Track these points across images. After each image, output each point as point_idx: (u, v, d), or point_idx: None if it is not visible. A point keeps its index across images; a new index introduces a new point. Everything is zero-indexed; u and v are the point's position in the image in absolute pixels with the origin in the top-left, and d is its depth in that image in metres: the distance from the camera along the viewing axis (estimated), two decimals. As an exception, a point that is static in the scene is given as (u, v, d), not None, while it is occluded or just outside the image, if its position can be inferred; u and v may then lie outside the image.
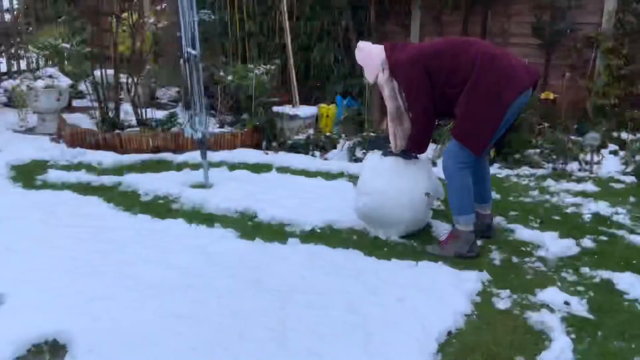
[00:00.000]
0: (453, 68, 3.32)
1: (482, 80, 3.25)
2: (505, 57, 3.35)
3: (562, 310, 2.86)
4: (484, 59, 3.26)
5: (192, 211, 4.12)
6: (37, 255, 3.29)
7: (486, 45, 3.44)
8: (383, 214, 3.63)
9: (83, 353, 2.41)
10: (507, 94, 3.24)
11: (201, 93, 4.47)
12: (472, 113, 3.29)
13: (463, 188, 3.43)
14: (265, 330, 2.60)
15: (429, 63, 3.36)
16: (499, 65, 3.27)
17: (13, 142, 5.66)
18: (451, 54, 3.36)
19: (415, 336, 2.58)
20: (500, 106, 3.26)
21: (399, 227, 3.67)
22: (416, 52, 3.44)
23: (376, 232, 3.74)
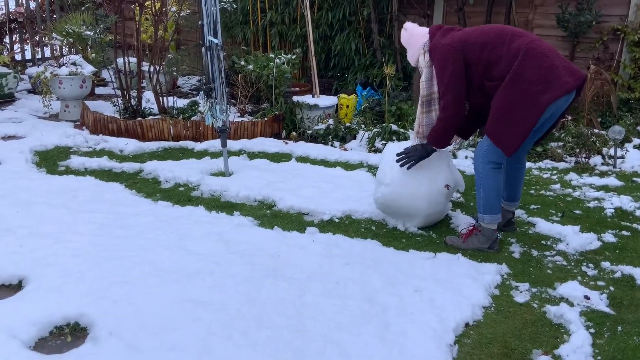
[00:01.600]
0: (493, 61, 3.18)
1: (521, 78, 3.08)
2: (550, 56, 3.12)
3: (581, 304, 2.84)
4: (526, 55, 3.08)
5: (212, 199, 4.15)
6: (60, 239, 3.34)
7: (532, 40, 3.17)
8: (402, 205, 3.62)
9: (104, 335, 2.45)
10: (545, 97, 3.06)
11: (222, 81, 4.49)
12: (506, 111, 3.14)
13: (492, 189, 3.32)
14: (283, 318, 2.62)
15: (468, 53, 3.22)
16: (541, 64, 3.08)
17: (37, 128, 5.74)
18: (493, 45, 3.18)
19: (432, 327, 2.58)
20: (536, 109, 3.08)
21: (417, 219, 3.66)
22: (457, 39, 3.26)
23: (395, 223, 3.73)
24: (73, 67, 6.19)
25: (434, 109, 3.46)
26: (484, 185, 3.34)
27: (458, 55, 3.23)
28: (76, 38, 6.79)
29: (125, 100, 6.03)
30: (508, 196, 3.63)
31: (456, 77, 3.25)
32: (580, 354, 2.43)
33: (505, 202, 3.63)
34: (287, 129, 5.97)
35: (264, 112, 6.06)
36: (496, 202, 3.37)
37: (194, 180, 4.42)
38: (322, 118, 6.02)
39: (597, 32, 6.00)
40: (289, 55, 6.29)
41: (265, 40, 7.48)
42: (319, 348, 2.42)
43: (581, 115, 5.64)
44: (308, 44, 6.45)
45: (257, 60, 6.17)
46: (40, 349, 2.44)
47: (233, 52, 6.98)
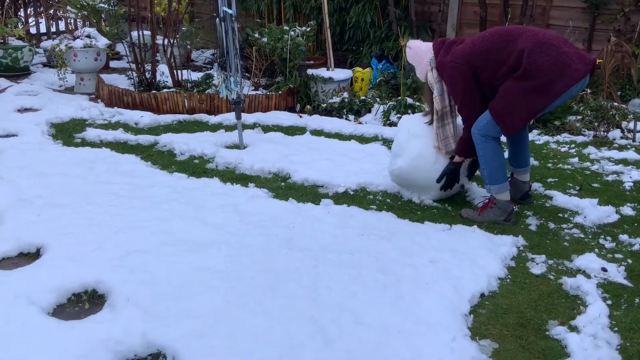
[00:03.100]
0: (499, 62, 3.19)
1: (534, 68, 3.07)
2: (557, 44, 3.12)
3: (598, 276, 2.82)
4: (534, 47, 3.09)
5: (227, 171, 4.15)
6: (76, 209, 3.37)
7: (536, 34, 3.17)
8: (418, 178, 3.60)
9: (121, 302, 2.47)
10: (558, 86, 3.08)
11: (237, 53, 4.46)
12: (516, 95, 3.14)
13: (492, 157, 3.32)
14: (298, 287, 2.63)
15: (474, 63, 3.25)
16: (550, 54, 3.07)
17: (53, 101, 5.76)
18: (498, 48, 3.20)
19: (447, 297, 2.58)
20: (547, 96, 3.11)
21: (433, 192, 3.63)
22: (461, 54, 3.30)
23: (410, 196, 3.71)
24: (88, 39, 6.19)
25: (447, 122, 3.51)
26: (484, 155, 3.34)
27: (465, 69, 3.27)
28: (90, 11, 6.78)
29: (139, 73, 6.03)
30: (517, 162, 3.61)
31: (467, 92, 3.32)
32: (597, 325, 2.42)
33: (515, 169, 3.62)
34: (302, 103, 5.94)
35: (278, 85, 6.03)
36: (499, 171, 3.34)
37: (209, 153, 4.42)
38: (337, 91, 5.98)
39: (619, 3, 5.86)
40: (303, 27, 6.23)
41: (280, 12, 7.41)
42: (334, 316, 2.43)
43: (600, 88, 5.54)
44: (323, 16, 6.38)
45: (271, 33, 6.12)
46: (58, 315, 2.47)
47: (247, 25, 6.92)
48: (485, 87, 3.31)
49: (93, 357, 2.16)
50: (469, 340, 2.33)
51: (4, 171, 3.86)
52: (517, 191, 3.62)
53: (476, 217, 3.43)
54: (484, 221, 3.38)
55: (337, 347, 2.25)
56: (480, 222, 3.37)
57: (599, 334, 2.37)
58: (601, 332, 2.38)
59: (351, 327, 2.37)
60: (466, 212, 3.48)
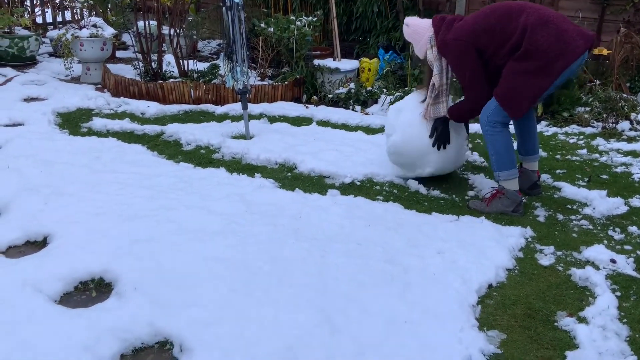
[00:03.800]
0: (503, 40, 3.19)
1: (534, 47, 3.09)
2: (557, 22, 3.13)
3: (607, 267, 2.80)
4: (535, 26, 3.10)
5: (233, 161, 4.14)
6: (83, 198, 3.37)
7: (537, 10, 3.18)
8: (412, 147, 3.60)
9: (128, 291, 2.47)
10: (559, 63, 3.09)
11: (243, 43, 4.43)
12: (519, 77, 3.16)
13: (501, 144, 3.31)
14: (305, 277, 2.62)
15: (478, 40, 3.24)
16: (551, 32, 3.09)
17: (59, 90, 5.75)
18: (500, 26, 3.20)
19: (454, 287, 2.57)
20: (549, 75, 3.12)
21: (432, 163, 3.61)
22: (464, 32, 3.28)
23: (409, 173, 3.73)
24: (94, 29, 6.17)
25: (441, 101, 3.52)
26: (493, 142, 3.34)
27: (469, 47, 3.26)
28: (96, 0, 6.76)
29: (146, 63, 6.01)
30: (525, 150, 3.60)
31: (475, 71, 3.31)
32: (606, 316, 2.40)
33: (524, 157, 3.61)
34: (308, 93, 5.92)
35: (284, 76, 6.00)
36: (508, 158, 3.33)
37: (215, 143, 4.41)
38: (344, 82, 5.95)
39: (629, -7, 5.80)
40: (310, 17, 6.19)
41: (286, 2, 7.36)
42: (341, 306, 2.42)
43: (610, 79, 5.49)
44: (329, 6, 6.34)
45: (277, 23, 6.09)
46: (65, 303, 2.47)
47: (253, 15, 6.89)
48: (489, 65, 3.30)
49: (100, 345, 2.16)
50: (476, 330, 2.32)
51: (11, 160, 3.86)
52: (526, 181, 3.60)
53: (484, 208, 3.40)
54: (492, 212, 3.36)
55: (344, 336, 2.25)
56: (489, 213, 3.35)
57: (607, 326, 2.35)
58: (610, 324, 2.36)
59: (358, 317, 2.36)
60: (474, 204, 3.46)
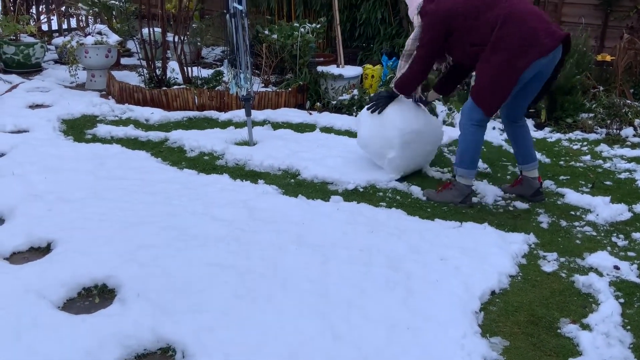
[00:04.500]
0: (475, 27, 3.33)
1: (500, 43, 3.22)
2: (529, 19, 3.22)
3: (611, 274, 2.79)
4: (506, 20, 3.21)
5: (236, 167, 4.15)
6: (87, 204, 3.38)
7: (512, 5, 3.27)
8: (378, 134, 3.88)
9: (131, 297, 2.48)
10: (521, 60, 3.19)
11: (247, 50, 4.45)
12: (487, 74, 3.30)
13: (470, 143, 3.48)
14: (307, 283, 2.63)
15: (452, 21, 3.39)
16: (519, 28, 3.20)
17: (64, 97, 5.78)
18: (476, 13, 3.33)
19: (457, 294, 2.56)
20: (512, 72, 3.22)
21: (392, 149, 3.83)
22: (443, 8, 3.44)
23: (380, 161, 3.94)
24: (99, 36, 6.20)
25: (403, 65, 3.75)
26: (463, 139, 3.50)
27: (440, 23, 3.43)
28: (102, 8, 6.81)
29: (150, 70, 6.04)
30: (523, 158, 3.65)
31: (433, 42, 3.49)
32: (609, 323, 2.40)
33: (523, 166, 3.66)
34: (311, 100, 5.93)
35: (288, 82, 6.02)
36: (472, 158, 3.50)
37: (219, 149, 4.42)
38: (347, 88, 5.96)
39: (632, 0, 5.80)
40: (313, 24, 6.21)
41: (290, 9, 7.39)
42: (343, 312, 2.42)
43: (613, 85, 5.49)
44: (333, 12, 6.36)
45: (281, 30, 6.11)
46: (68, 309, 2.48)
47: (257, 22, 6.91)
48: (457, 48, 3.47)
49: (103, 351, 2.17)
50: (479, 337, 2.32)
51: (16, 167, 3.88)
52: (528, 188, 3.61)
53: (435, 196, 3.61)
54: (442, 201, 3.57)
55: (346, 343, 2.25)
56: (439, 201, 3.57)
57: (611, 332, 2.35)
58: (613, 331, 2.36)
59: (360, 323, 2.36)
60: (427, 192, 3.69)
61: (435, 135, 4.01)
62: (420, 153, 3.94)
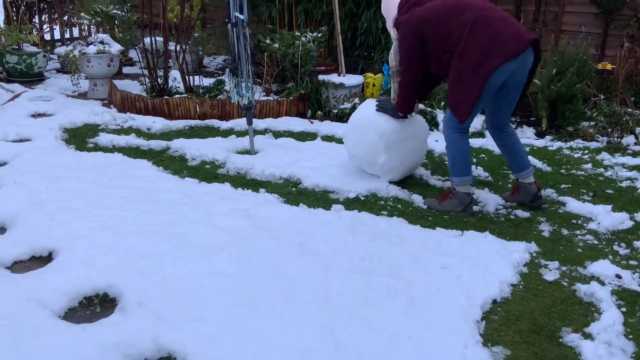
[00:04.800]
0: (446, 34, 3.38)
1: (466, 50, 3.28)
2: (495, 24, 3.26)
3: (613, 283, 2.79)
4: (472, 28, 3.27)
5: (238, 176, 4.16)
6: (89, 213, 3.38)
7: (481, 10, 3.33)
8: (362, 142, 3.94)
9: (132, 306, 2.48)
10: (485, 65, 3.24)
11: (248, 59, 4.47)
12: (456, 81, 3.37)
13: (457, 151, 3.53)
14: (309, 292, 2.62)
15: (424, 29, 3.45)
16: (484, 33, 3.25)
17: (66, 106, 5.80)
18: (445, 20, 3.39)
19: (459, 303, 2.56)
20: (477, 78, 3.27)
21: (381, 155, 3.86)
22: (416, 17, 3.49)
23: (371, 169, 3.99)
24: (101, 45, 6.24)
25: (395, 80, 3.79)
26: (449, 148, 3.56)
27: (413, 31, 3.48)
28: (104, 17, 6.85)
29: (152, 79, 6.06)
30: (517, 166, 3.67)
31: (409, 51, 3.53)
32: (611, 332, 2.39)
33: (517, 173, 3.67)
34: (313, 108, 5.95)
35: (289, 91, 6.04)
36: (462, 164, 3.54)
37: (220, 158, 4.43)
38: (348, 97, 5.98)
39: (632, 8, 5.81)
40: (314, 33, 6.24)
41: (291, 18, 7.43)
42: (344, 321, 2.42)
43: (614, 94, 5.50)
44: (334, 22, 6.39)
45: (282, 39, 6.14)
46: (70, 318, 2.48)
47: (259, 31, 6.95)
48: (432, 57, 3.50)
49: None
50: (480, 346, 2.31)
51: (18, 175, 3.89)
52: (526, 194, 3.62)
53: (436, 206, 3.62)
54: (444, 210, 3.58)
55: (347, 352, 2.24)
56: (440, 210, 3.58)
57: (613, 342, 2.34)
58: (616, 340, 2.35)
59: (362, 333, 2.35)
60: (428, 202, 3.69)
61: (420, 130, 4.04)
62: (409, 150, 3.96)
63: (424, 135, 4.10)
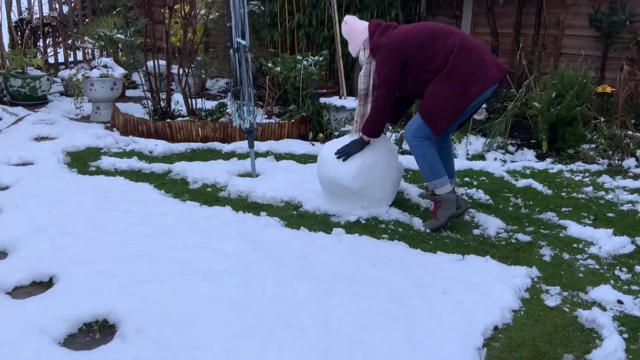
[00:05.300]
0: (429, 56, 3.50)
1: (456, 70, 3.43)
2: (479, 51, 3.51)
3: (614, 309, 2.77)
4: (460, 50, 3.45)
5: (239, 199, 4.17)
6: (90, 238, 3.39)
7: (464, 37, 3.55)
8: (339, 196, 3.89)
9: (131, 333, 2.47)
10: (475, 88, 3.46)
11: (250, 83, 4.51)
12: (441, 98, 3.49)
13: (427, 155, 3.62)
14: (309, 318, 2.61)
15: (406, 51, 3.54)
16: (473, 58, 3.46)
17: (69, 129, 5.84)
18: (429, 43, 3.51)
19: (460, 329, 2.55)
20: (467, 98, 3.48)
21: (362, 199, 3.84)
22: (396, 39, 3.56)
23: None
24: (104, 69, 6.30)
25: (368, 102, 3.75)
26: (423, 155, 3.63)
27: (396, 53, 3.55)
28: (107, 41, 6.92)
29: (154, 102, 6.11)
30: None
31: (391, 74, 3.57)
32: (613, 359, 2.37)
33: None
34: (314, 131, 5.98)
35: (291, 113, 6.08)
36: (438, 166, 3.63)
37: (222, 181, 4.45)
38: (349, 119, 6.00)
39: (631, 32, 5.87)
40: (316, 57, 6.30)
41: (293, 42, 7.50)
42: (345, 348, 2.40)
43: (614, 117, 5.52)
44: (335, 45, 6.44)
45: (284, 62, 6.20)
46: (69, 345, 2.47)
47: (261, 55, 7.02)
48: (409, 77, 3.60)
49: (103, 388, 2.16)
50: (482, 374, 2.29)
51: (20, 200, 3.91)
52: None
53: (437, 223, 3.63)
54: (444, 222, 3.60)
55: (348, 380, 2.23)
56: (444, 225, 3.60)
57: (615, 369, 2.32)
58: (618, 367, 2.33)
59: None
60: (427, 225, 3.67)
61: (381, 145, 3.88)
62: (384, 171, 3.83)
63: (388, 147, 3.97)
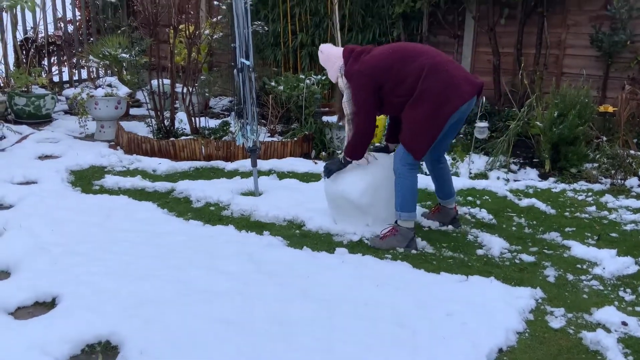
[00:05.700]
0: (400, 79, 3.52)
1: (425, 93, 3.45)
2: (449, 69, 3.50)
3: (619, 330, 2.76)
4: (428, 72, 3.45)
5: (242, 218, 4.17)
6: (93, 258, 3.39)
7: (433, 56, 3.55)
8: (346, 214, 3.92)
9: (134, 355, 2.46)
10: (446, 109, 3.46)
11: (253, 102, 4.54)
12: (415, 121, 3.52)
13: (407, 188, 3.64)
14: (312, 340, 2.60)
15: (378, 76, 3.56)
16: (441, 78, 3.45)
17: (73, 148, 5.87)
18: (398, 67, 3.53)
19: (464, 352, 2.53)
20: (439, 120, 3.49)
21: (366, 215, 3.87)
22: (367, 65, 3.59)
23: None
24: (109, 88, 6.34)
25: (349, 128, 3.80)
26: (401, 184, 3.66)
27: (369, 80, 3.57)
28: (112, 60, 6.98)
29: (158, 120, 6.14)
30: (443, 195, 3.98)
31: (367, 100, 3.61)
32: (619, 383, 2.35)
33: (443, 200, 3.99)
34: (317, 149, 6.00)
35: (293, 132, 6.10)
36: (411, 201, 3.67)
37: (225, 200, 4.45)
38: (352, 138, 6.02)
39: (632, 51, 5.90)
40: (319, 76, 6.34)
41: (296, 61, 7.55)
42: (349, 371, 2.39)
43: (616, 136, 5.53)
44: (338, 65, 6.48)
45: (287, 81, 6.24)
46: (72, 366, 2.46)
47: (264, 74, 7.06)
48: (385, 100, 3.62)
49: (105, 411, 2.14)
50: (486, 397, 2.27)
51: (23, 219, 3.91)
52: (446, 216, 4.01)
53: (381, 244, 3.66)
54: (387, 248, 3.62)
55: (351, 403, 2.21)
56: (384, 248, 3.62)
57: (621, 393, 2.30)
58: (624, 391, 2.31)
59: (366, 383, 2.33)
60: (372, 241, 3.71)
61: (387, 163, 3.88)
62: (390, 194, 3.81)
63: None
